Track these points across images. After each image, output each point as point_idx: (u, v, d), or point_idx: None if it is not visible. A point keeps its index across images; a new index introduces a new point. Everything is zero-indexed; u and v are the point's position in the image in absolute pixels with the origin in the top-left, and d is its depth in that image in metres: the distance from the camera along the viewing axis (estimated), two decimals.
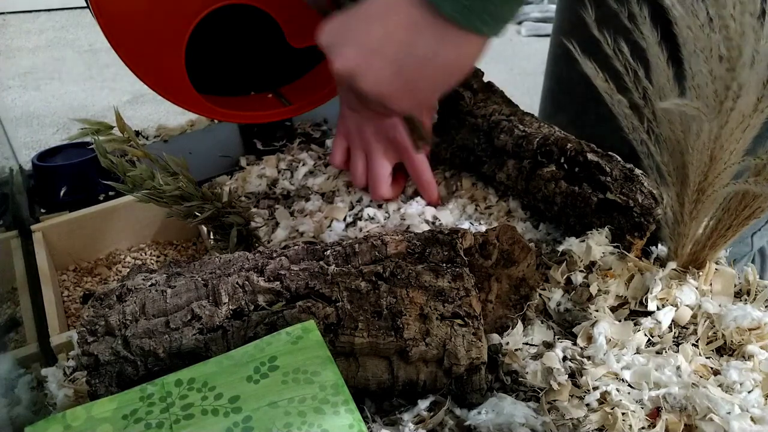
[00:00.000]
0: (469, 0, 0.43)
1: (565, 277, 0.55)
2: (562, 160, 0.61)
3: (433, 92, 0.52)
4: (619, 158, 0.60)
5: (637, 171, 0.58)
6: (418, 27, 0.44)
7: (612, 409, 0.43)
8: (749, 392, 0.44)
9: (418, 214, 0.66)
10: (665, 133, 0.47)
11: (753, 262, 0.57)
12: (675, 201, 0.50)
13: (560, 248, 0.57)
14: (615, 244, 0.57)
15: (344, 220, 0.67)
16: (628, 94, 0.47)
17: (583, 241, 0.56)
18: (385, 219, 0.67)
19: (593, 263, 0.56)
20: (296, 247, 0.49)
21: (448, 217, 0.66)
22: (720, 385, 0.45)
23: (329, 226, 0.67)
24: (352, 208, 0.69)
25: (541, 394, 0.45)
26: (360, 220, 0.67)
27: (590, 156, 0.60)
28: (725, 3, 0.38)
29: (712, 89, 0.42)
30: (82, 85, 2.47)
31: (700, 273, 0.53)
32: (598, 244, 0.56)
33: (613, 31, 0.45)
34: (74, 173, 0.78)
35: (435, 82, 0.49)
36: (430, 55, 0.46)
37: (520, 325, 0.51)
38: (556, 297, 0.54)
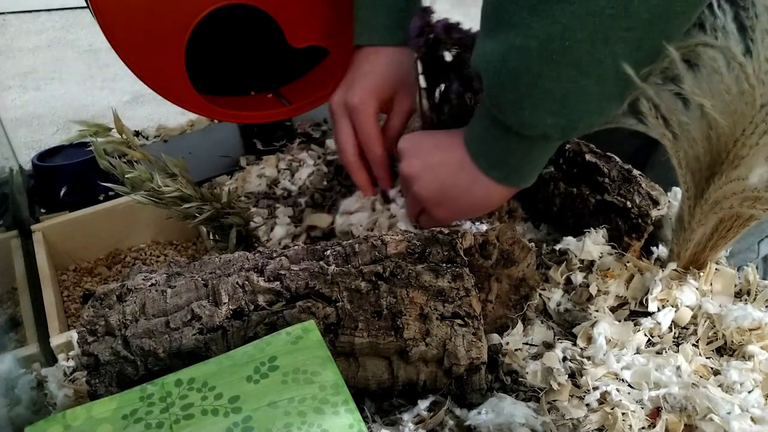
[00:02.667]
0: (505, 167, 0.54)
1: (564, 277, 0.55)
2: (561, 161, 0.61)
3: (462, 215, 0.62)
4: (618, 159, 0.60)
5: (636, 172, 0.58)
6: (464, 166, 0.56)
7: (612, 409, 0.43)
8: (749, 392, 0.44)
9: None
10: (693, 152, 0.47)
11: (757, 269, 0.57)
12: (686, 211, 0.50)
13: (557, 247, 0.58)
14: (612, 244, 0.57)
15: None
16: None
17: (581, 240, 0.57)
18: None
19: (592, 263, 0.56)
20: (296, 247, 0.49)
21: None
22: (720, 385, 0.45)
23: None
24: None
25: (541, 394, 0.45)
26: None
27: (588, 157, 0.60)
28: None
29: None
30: (82, 85, 2.46)
31: (701, 273, 0.53)
32: (595, 243, 0.56)
33: None
34: (74, 173, 0.78)
35: (465, 208, 0.59)
36: (465, 188, 0.57)
37: (520, 325, 0.51)
38: (556, 297, 0.54)
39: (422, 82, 0.69)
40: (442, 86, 0.67)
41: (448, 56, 0.66)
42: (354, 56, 0.68)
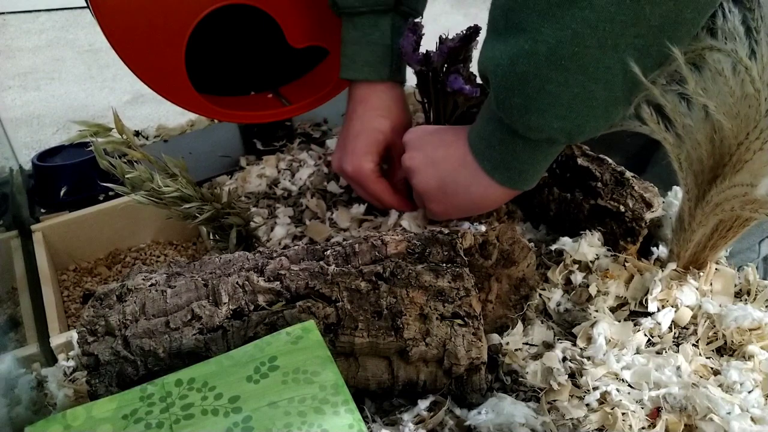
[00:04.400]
0: (508, 169, 0.54)
1: (563, 275, 0.55)
2: (554, 166, 0.61)
3: (457, 213, 0.62)
4: (611, 161, 0.60)
5: (628, 174, 0.58)
6: (465, 164, 0.56)
7: (612, 409, 0.43)
8: (749, 392, 0.44)
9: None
10: (696, 155, 0.47)
11: (758, 269, 0.57)
12: (686, 212, 0.50)
13: (552, 247, 0.58)
14: (607, 247, 0.57)
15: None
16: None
17: (576, 241, 0.57)
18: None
19: (588, 264, 0.56)
20: (296, 247, 0.49)
21: None
22: (720, 385, 0.45)
23: None
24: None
25: (541, 394, 0.45)
26: None
27: (580, 161, 0.60)
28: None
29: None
30: (82, 85, 2.46)
31: (701, 273, 0.53)
32: (590, 245, 0.56)
33: None
34: (74, 173, 0.78)
35: (462, 206, 0.60)
36: (464, 186, 0.57)
37: (520, 325, 0.51)
38: (555, 297, 0.54)
39: (419, 96, 0.70)
40: (439, 98, 0.68)
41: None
42: (349, 93, 0.69)
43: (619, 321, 0.51)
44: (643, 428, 0.43)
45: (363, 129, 0.66)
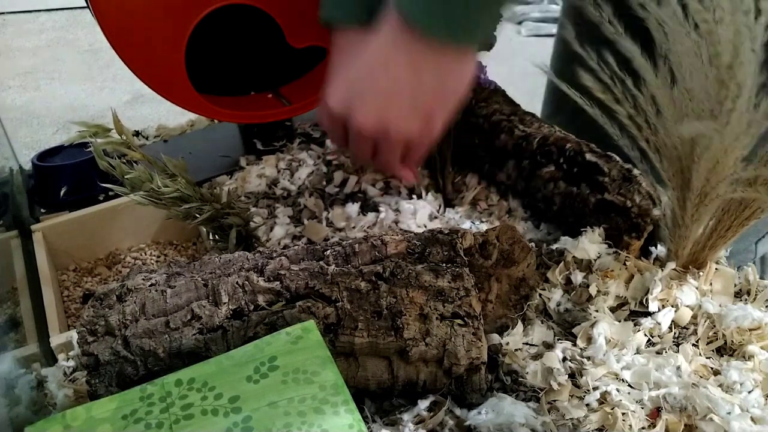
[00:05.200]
0: (448, 12, 0.44)
1: (563, 276, 0.55)
2: (561, 161, 0.61)
3: (446, 114, 0.52)
4: (618, 158, 0.60)
5: (636, 171, 0.58)
6: (418, 62, 0.45)
7: (612, 409, 0.43)
8: (749, 392, 0.44)
9: (411, 213, 0.66)
10: (662, 140, 0.47)
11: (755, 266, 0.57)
12: (676, 204, 0.50)
13: (554, 246, 0.57)
14: (608, 242, 0.56)
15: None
16: (622, 103, 0.48)
17: (578, 239, 0.57)
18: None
19: (589, 262, 0.56)
20: (296, 247, 0.49)
21: (451, 214, 0.66)
22: (720, 385, 0.45)
23: None
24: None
25: (541, 394, 0.45)
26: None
27: (588, 156, 0.60)
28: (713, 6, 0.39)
29: (712, 92, 0.42)
30: (82, 85, 2.46)
31: (701, 273, 0.53)
32: (591, 242, 0.56)
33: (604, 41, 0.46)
34: (74, 173, 0.78)
35: (446, 105, 0.50)
36: (437, 82, 0.47)
37: (520, 325, 0.51)
38: (556, 297, 0.54)
39: None
40: None
41: None
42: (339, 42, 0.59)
43: (619, 321, 0.51)
44: (643, 428, 0.43)
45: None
